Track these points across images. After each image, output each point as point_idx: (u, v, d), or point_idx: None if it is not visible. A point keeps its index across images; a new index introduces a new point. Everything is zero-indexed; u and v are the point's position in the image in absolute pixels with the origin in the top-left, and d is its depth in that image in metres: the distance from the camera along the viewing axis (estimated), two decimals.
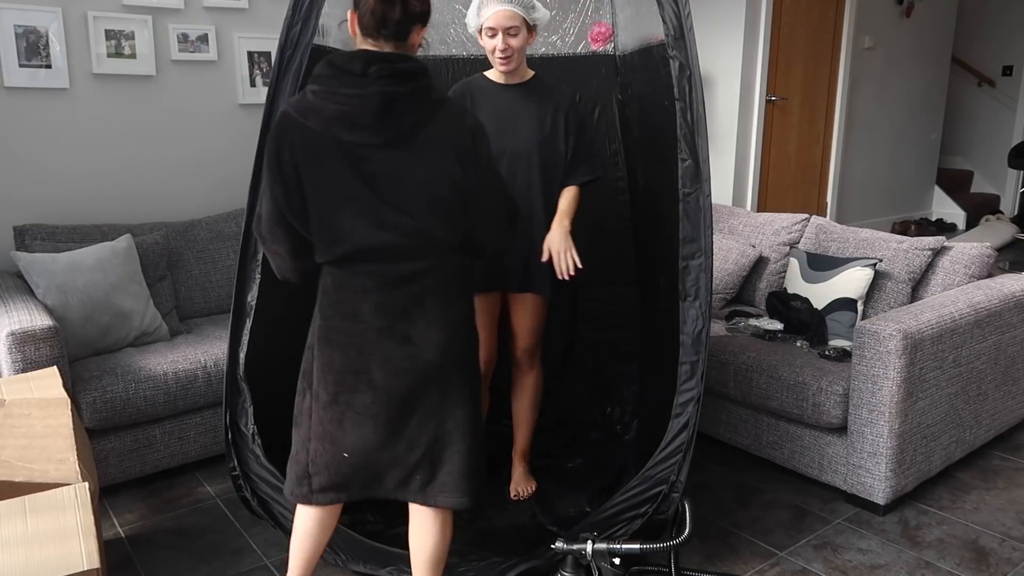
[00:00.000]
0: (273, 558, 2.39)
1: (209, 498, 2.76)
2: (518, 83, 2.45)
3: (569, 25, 3.04)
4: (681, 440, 2.12)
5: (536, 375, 2.66)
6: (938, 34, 6.75)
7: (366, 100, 1.62)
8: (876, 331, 2.49)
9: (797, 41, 5.46)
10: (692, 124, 2.09)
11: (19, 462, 1.85)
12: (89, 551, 1.53)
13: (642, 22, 2.61)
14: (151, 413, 2.72)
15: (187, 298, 3.28)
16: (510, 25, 2.29)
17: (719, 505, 2.69)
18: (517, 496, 2.66)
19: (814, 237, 3.37)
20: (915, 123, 6.78)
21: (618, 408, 3.12)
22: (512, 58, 2.35)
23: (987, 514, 2.62)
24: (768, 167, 5.52)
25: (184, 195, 3.54)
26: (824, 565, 2.35)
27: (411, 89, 1.66)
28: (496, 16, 2.28)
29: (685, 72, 2.09)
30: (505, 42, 2.31)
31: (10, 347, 2.45)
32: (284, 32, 2.10)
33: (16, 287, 2.85)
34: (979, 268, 3.01)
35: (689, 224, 2.11)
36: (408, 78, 1.65)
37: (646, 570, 2.22)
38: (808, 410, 2.67)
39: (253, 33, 3.60)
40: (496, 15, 2.28)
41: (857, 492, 2.63)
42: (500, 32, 2.30)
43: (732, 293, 3.48)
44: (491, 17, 2.29)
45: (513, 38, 2.31)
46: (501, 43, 2.31)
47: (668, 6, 2.09)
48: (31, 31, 3.07)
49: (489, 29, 2.32)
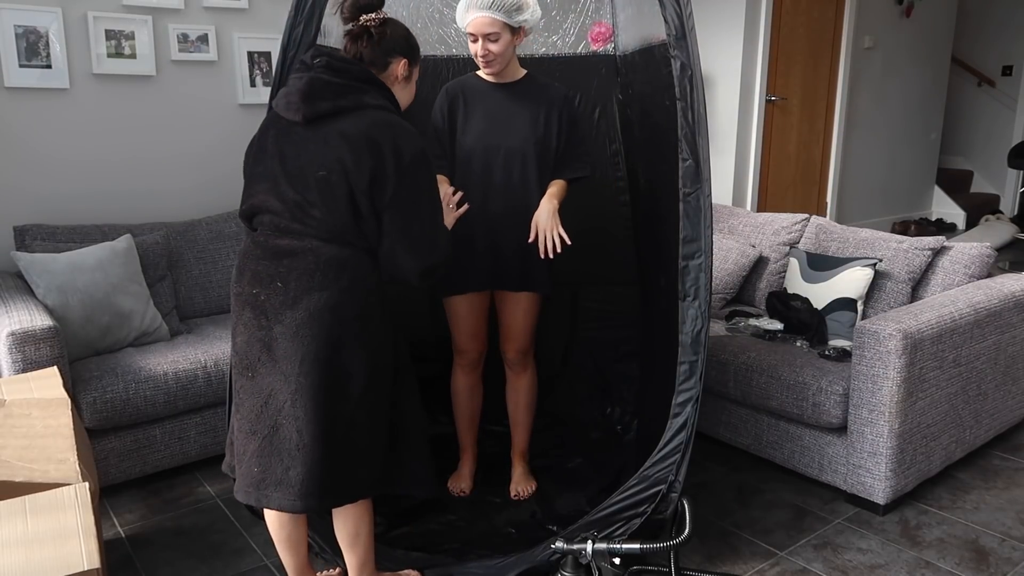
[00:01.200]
0: (273, 558, 2.39)
1: (209, 498, 2.76)
2: (510, 82, 2.46)
3: (569, 25, 3.04)
4: (680, 440, 2.12)
5: (531, 376, 2.66)
6: (938, 34, 6.75)
7: (299, 83, 1.84)
8: (876, 331, 2.49)
9: (797, 41, 5.46)
10: (693, 124, 2.09)
11: (19, 462, 1.85)
12: (89, 551, 1.53)
13: (643, 22, 2.61)
14: (151, 413, 2.72)
15: (187, 298, 3.28)
16: (488, 31, 2.30)
17: (719, 505, 2.69)
18: (517, 496, 2.66)
19: (814, 237, 3.37)
20: (915, 123, 6.78)
21: (618, 408, 3.12)
22: (494, 62, 2.36)
23: (987, 514, 2.62)
24: (768, 167, 5.53)
25: (184, 195, 3.54)
26: (824, 565, 2.35)
27: (341, 83, 1.84)
28: (474, 23, 2.30)
29: (686, 72, 2.09)
30: (485, 47, 2.32)
31: (10, 347, 2.45)
32: (287, 33, 2.10)
33: (16, 287, 2.86)
34: (979, 268, 3.00)
35: (689, 224, 2.11)
36: (341, 73, 1.85)
37: (646, 570, 2.22)
38: (808, 410, 2.67)
39: (253, 33, 3.60)
40: (474, 22, 2.30)
41: (857, 492, 2.63)
42: (480, 37, 2.32)
43: (732, 293, 3.48)
44: (470, 24, 2.31)
45: (493, 43, 2.32)
46: (481, 48, 2.33)
47: (670, 5, 2.09)
48: (31, 31, 3.07)
49: (470, 34, 2.34)
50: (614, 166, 3.05)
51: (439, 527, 2.49)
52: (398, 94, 2.01)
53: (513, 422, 2.72)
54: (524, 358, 2.62)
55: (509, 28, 2.32)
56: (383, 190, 1.81)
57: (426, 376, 3.11)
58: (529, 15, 2.34)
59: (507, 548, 2.35)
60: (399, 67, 1.98)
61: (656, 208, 2.58)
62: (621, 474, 2.71)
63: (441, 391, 2.96)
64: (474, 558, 2.27)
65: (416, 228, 1.85)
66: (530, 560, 2.19)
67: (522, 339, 2.58)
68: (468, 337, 2.59)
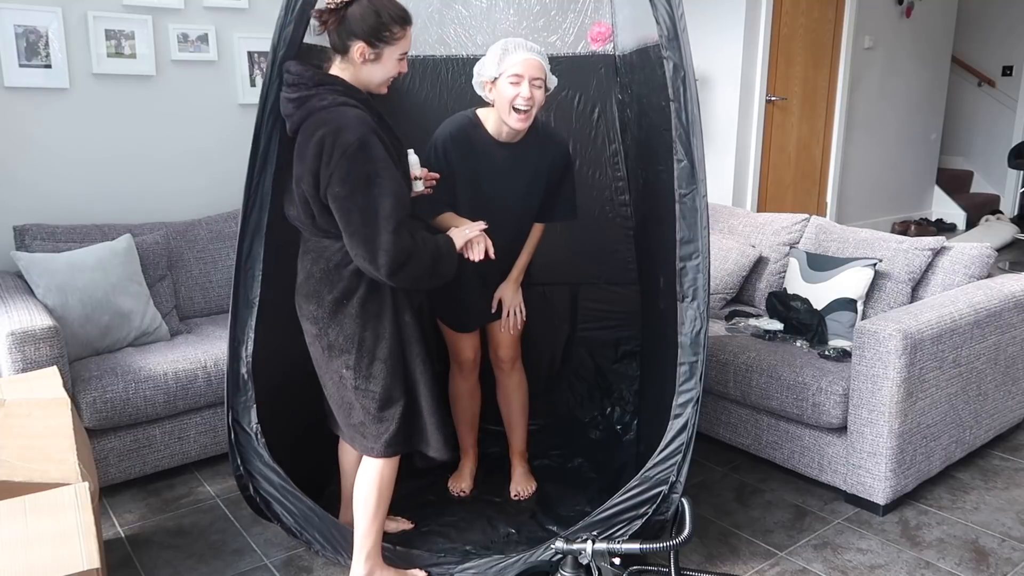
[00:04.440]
0: (273, 558, 2.39)
1: (209, 498, 2.76)
2: (514, 142, 2.37)
3: (568, 25, 3.03)
4: (680, 441, 2.12)
5: (519, 376, 2.68)
6: (938, 34, 6.75)
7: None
8: (876, 331, 2.49)
9: (797, 41, 5.46)
10: (687, 125, 2.08)
11: (19, 462, 1.85)
12: (89, 551, 1.53)
13: (639, 22, 2.61)
14: (151, 413, 2.72)
15: (187, 298, 3.28)
16: (537, 76, 2.21)
17: (719, 505, 2.69)
18: (517, 496, 2.67)
19: (814, 237, 3.37)
20: (915, 123, 6.78)
21: (618, 408, 3.12)
22: (530, 113, 2.24)
23: (987, 514, 2.62)
24: (768, 167, 5.53)
25: (184, 195, 3.54)
26: (824, 565, 2.35)
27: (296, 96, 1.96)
28: (526, 63, 2.20)
29: (679, 73, 2.09)
30: (531, 91, 2.21)
31: (10, 347, 2.45)
32: (277, 33, 2.11)
33: (16, 287, 2.86)
34: (979, 268, 3.00)
35: (686, 225, 2.10)
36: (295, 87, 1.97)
37: (646, 570, 2.22)
38: (808, 410, 2.67)
39: (253, 33, 3.60)
40: (527, 62, 2.20)
41: (857, 492, 2.63)
42: (527, 80, 2.20)
43: (732, 293, 3.48)
44: (520, 63, 2.20)
45: (538, 90, 2.23)
46: (526, 91, 2.20)
47: (661, 6, 2.07)
48: (31, 31, 3.07)
49: (515, 76, 2.20)
50: (613, 166, 3.05)
51: (439, 527, 2.49)
52: (367, 75, 2.00)
53: (508, 424, 2.73)
54: (512, 361, 2.65)
55: (544, 83, 2.26)
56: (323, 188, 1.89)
57: None
58: (552, 82, 2.30)
59: (507, 548, 2.35)
60: (358, 51, 1.96)
61: (654, 208, 2.58)
62: (621, 474, 2.71)
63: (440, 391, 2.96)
64: (474, 558, 2.27)
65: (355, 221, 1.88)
66: (530, 560, 2.19)
67: (511, 348, 2.61)
68: (465, 349, 2.61)
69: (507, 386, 2.67)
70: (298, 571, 2.34)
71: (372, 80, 2.02)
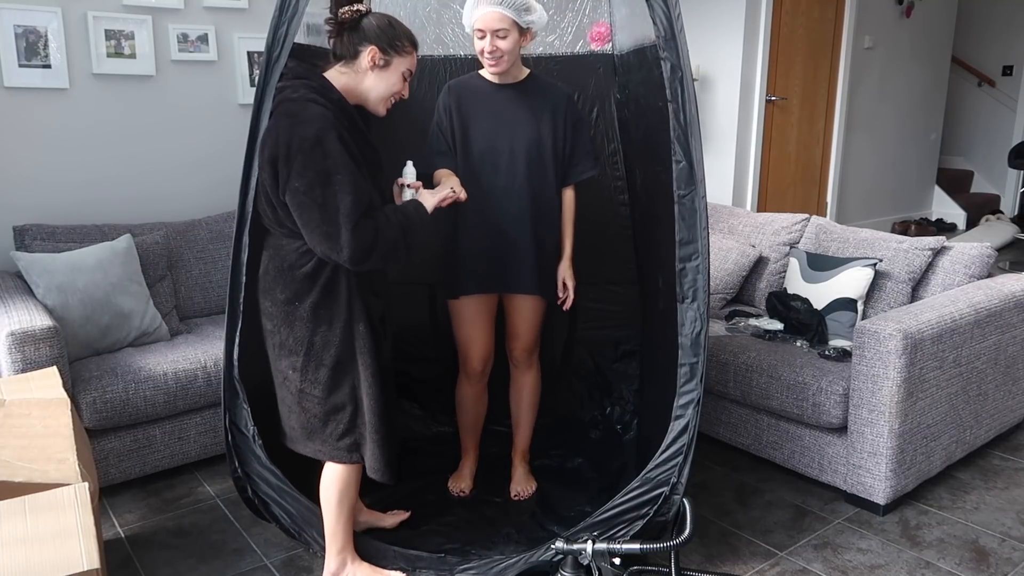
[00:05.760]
0: (273, 558, 2.39)
1: (209, 498, 2.76)
2: (513, 83, 2.44)
3: (567, 24, 3.03)
4: (682, 442, 2.12)
5: (535, 375, 2.66)
6: (938, 34, 6.75)
7: None
8: (876, 331, 2.49)
9: (797, 41, 5.46)
10: (685, 125, 2.08)
11: (19, 462, 1.85)
12: (89, 551, 1.53)
13: (636, 22, 2.61)
14: (151, 413, 2.72)
15: (187, 298, 3.28)
16: (498, 27, 2.27)
17: (719, 505, 2.69)
18: (517, 496, 2.66)
19: (814, 237, 3.37)
20: (915, 123, 6.77)
21: (618, 408, 3.12)
22: (501, 60, 2.32)
23: (987, 514, 2.62)
24: (768, 167, 5.52)
25: (184, 195, 3.54)
26: (824, 565, 2.35)
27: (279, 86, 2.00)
28: (485, 17, 2.26)
29: (677, 73, 2.08)
30: (493, 44, 2.29)
31: (10, 347, 2.45)
32: (271, 32, 2.11)
33: (16, 287, 2.85)
34: (979, 268, 3.00)
35: (685, 226, 2.10)
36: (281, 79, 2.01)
37: (646, 570, 2.22)
38: (808, 410, 2.67)
39: (253, 33, 3.60)
40: (484, 16, 2.26)
41: (857, 492, 2.63)
42: (488, 34, 2.28)
43: (732, 293, 3.48)
44: (480, 18, 2.27)
45: (502, 40, 2.29)
46: (489, 45, 2.29)
47: (658, 7, 2.07)
48: (31, 31, 3.07)
49: (478, 31, 2.30)
50: (613, 166, 3.05)
51: (439, 527, 2.49)
52: (369, 84, 2.02)
53: (515, 421, 2.72)
54: (529, 356, 2.62)
55: (517, 27, 2.29)
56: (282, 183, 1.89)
57: (426, 376, 3.12)
58: (537, 17, 2.32)
59: (507, 548, 2.35)
60: (368, 56, 1.98)
61: (652, 209, 2.58)
62: (621, 474, 2.71)
63: (440, 391, 2.96)
64: (474, 558, 2.27)
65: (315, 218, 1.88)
66: (530, 560, 2.19)
67: (528, 338, 2.58)
68: (474, 345, 2.56)
69: (521, 384, 2.66)
70: (298, 571, 2.34)
71: (373, 91, 2.02)
